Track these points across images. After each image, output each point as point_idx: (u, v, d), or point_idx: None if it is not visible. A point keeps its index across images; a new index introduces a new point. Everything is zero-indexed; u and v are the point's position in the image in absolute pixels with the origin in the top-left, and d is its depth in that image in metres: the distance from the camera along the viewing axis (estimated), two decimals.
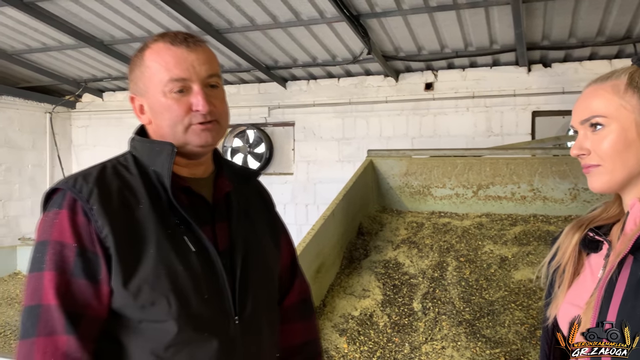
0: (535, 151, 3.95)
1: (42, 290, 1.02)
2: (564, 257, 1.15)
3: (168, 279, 1.06)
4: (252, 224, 1.28)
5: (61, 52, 5.56)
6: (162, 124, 1.15)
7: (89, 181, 1.09)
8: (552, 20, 4.35)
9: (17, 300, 4.91)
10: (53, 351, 1.00)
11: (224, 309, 1.13)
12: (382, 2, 4.18)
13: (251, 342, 1.17)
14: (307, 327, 1.46)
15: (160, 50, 1.15)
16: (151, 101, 1.16)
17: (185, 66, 1.13)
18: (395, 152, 4.10)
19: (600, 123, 1.05)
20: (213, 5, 4.36)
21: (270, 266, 1.31)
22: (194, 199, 1.17)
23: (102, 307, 1.05)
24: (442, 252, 3.32)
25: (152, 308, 1.05)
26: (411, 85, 5.69)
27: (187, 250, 1.10)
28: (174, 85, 1.12)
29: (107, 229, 1.04)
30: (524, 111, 5.34)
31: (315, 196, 6.15)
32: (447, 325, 2.72)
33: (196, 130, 1.14)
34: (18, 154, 6.59)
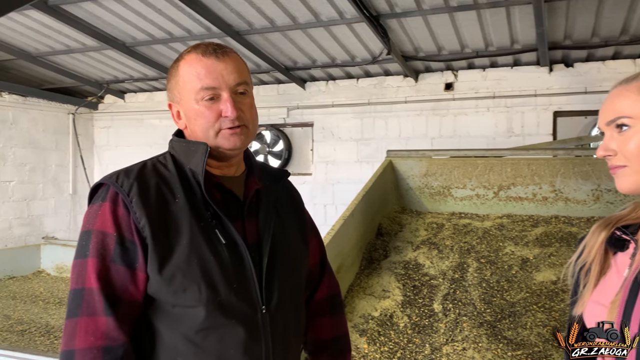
0: (557, 152, 3.91)
1: (85, 275, 1.12)
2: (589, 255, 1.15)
3: (199, 267, 1.14)
4: (281, 220, 1.34)
5: (84, 54, 5.65)
6: (195, 128, 1.24)
7: (130, 177, 1.18)
8: (575, 20, 4.29)
9: (41, 298, 5.01)
10: (94, 330, 1.09)
11: (251, 298, 1.19)
12: (402, 3, 4.17)
13: (277, 332, 1.23)
14: (336, 322, 1.51)
15: (192, 61, 1.23)
16: (185, 108, 1.25)
17: (215, 75, 1.21)
18: (415, 152, 4.09)
19: (625, 124, 1.05)
20: (234, 7, 4.40)
21: (297, 260, 1.35)
22: (226, 195, 1.26)
23: (138, 292, 1.14)
24: (462, 253, 3.30)
25: (184, 294, 1.13)
26: (431, 85, 5.67)
27: (217, 242, 1.17)
28: (205, 94, 1.21)
29: (145, 220, 1.13)
30: (545, 111, 5.28)
31: (334, 196, 6.16)
32: (468, 327, 2.70)
33: (225, 134, 1.22)
34: (42, 155, 6.72)
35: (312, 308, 1.47)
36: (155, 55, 5.60)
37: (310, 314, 1.46)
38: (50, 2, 4.39)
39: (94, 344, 1.09)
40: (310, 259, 1.45)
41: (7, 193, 6.31)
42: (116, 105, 7.22)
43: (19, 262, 5.94)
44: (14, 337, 3.86)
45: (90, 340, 1.09)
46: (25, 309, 4.63)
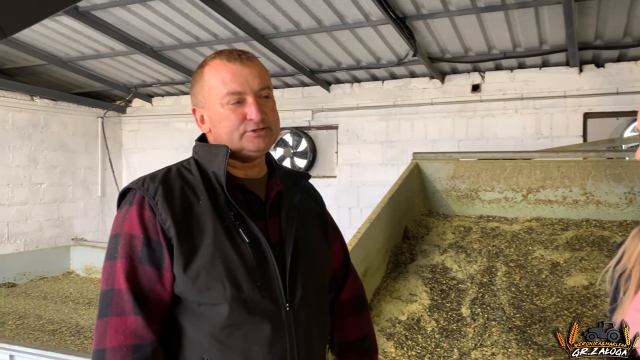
0: (588, 154, 3.83)
1: (114, 276, 1.16)
2: (629, 261, 1.12)
3: (223, 266, 1.17)
4: (303, 220, 1.36)
5: (113, 58, 5.76)
6: (220, 131, 1.28)
7: (156, 181, 1.23)
8: (606, 19, 4.21)
9: (71, 299, 5.10)
10: (123, 329, 1.13)
11: (275, 296, 1.22)
12: (428, 4, 4.14)
13: (301, 329, 1.25)
14: (362, 323, 1.52)
15: (217, 66, 1.27)
16: (210, 112, 1.29)
17: (240, 80, 1.25)
18: (442, 154, 4.05)
19: None
20: (259, 11, 4.42)
21: (319, 259, 1.38)
22: (248, 196, 1.29)
23: (165, 291, 1.18)
24: (490, 257, 3.25)
25: (209, 292, 1.16)
26: (457, 87, 5.61)
27: (241, 241, 1.21)
28: (230, 98, 1.25)
29: (170, 221, 1.17)
30: (575, 113, 5.18)
31: (359, 199, 6.14)
32: (497, 332, 2.66)
33: (250, 137, 1.26)
34: (72, 157, 6.86)
35: (337, 309, 1.49)
36: (182, 59, 5.66)
37: (335, 316, 1.48)
38: (81, 8, 4.48)
39: (124, 342, 1.12)
40: (333, 260, 1.48)
41: (39, 195, 6.45)
42: (144, 109, 7.32)
43: (49, 263, 6.07)
44: (45, 337, 3.94)
45: (120, 339, 1.12)
46: (55, 309, 4.72)
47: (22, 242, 6.25)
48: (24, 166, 6.27)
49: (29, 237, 6.34)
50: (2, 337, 3.82)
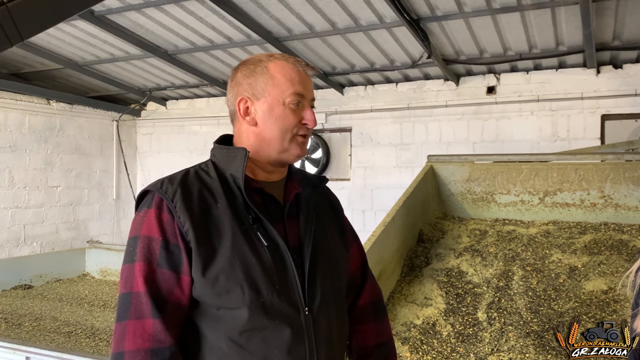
0: (606, 156, 3.77)
1: (133, 279, 1.16)
2: None
3: (242, 269, 1.16)
4: (321, 224, 1.36)
5: (128, 62, 5.80)
6: (273, 127, 1.27)
7: (174, 183, 1.22)
8: (625, 20, 4.15)
9: (87, 301, 5.13)
10: (142, 332, 1.13)
11: (294, 299, 1.21)
12: (443, 5, 4.12)
13: (321, 333, 1.24)
14: (381, 328, 1.51)
15: (285, 65, 1.29)
16: (267, 106, 1.27)
17: (304, 85, 1.29)
18: (457, 157, 4.01)
19: None
20: (274, 14, 4.43)
21: (338, 263, 1.37)
22: (267, 199, 1.29)
23: (183, 295, 1.17)
24: (507, 261, 3.21)
25: (227, 296, 1.15)
26: (472, 89, 5.57)
27: (259, 245, 1.20)
28: (294, 98, 1.27)
29: (188, 224, 1.16)
30: (592, 115, 5.11)
31: (372, 202, 6.12)
32: (514, 337, 2.62)
33: (299, 141, 1.29)
34: (87, 160, 6.92)
35: (356, 314, 1.48)
36: (197, 62, 5.69)
37: (353, 321, 1.46)
38: (96, 13, 4.52)
39: (142, 346, 1.12)
40: (351, 265, 1.47)
41: (55, 198, 6.51)
42: (158, 112, 7.37)
43: (65, 265, 6.12)
44: (61, 339, 3.96)
45: (139, 342, 1.12)
46: (71, 311, 4.75)
47: (38, 244, 6.32)
48: (41, 169, 6.34)
49: (45, 240, 6.40)
50: (18, 338, 3.85)
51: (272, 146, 1.27)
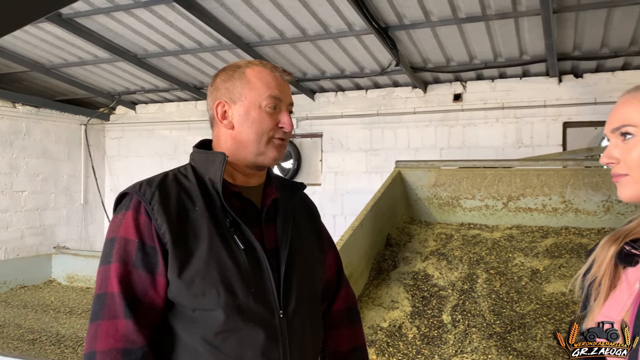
0: (567, 162, 3.90)
1: (108, 280, 1.17)
2: (599, 270, 1.14)
3: (218, 272, 1.18)
4: (298, 229, 1.38)
5: (96, 65, 5.74)
6: (249, 131, 1.30)
7: (152, 186, 1.24)
8: (584, 31, 4.30)
9: (52, 307, 5.04)
10: (114, 333, 1.14)
11: (269, 302, 1.23)
12: (410, 14, 4.20)
13: (295, 337, 1.26)
14: (354, 334, 1.54)
15: (261, 71, 1.32)
16: (243, 110, 1.30)
17: (281, 89, 1.32)
18: (424, 163, 4.09)
19: (629, 132, 1.05)
20: (244, 20, 4.45)
21: (313, 268, 1.40)
22: (245, 203, 1.31)
23: (158, 297, 1.19)
24: (471, 264, 3.29)
25: (203, 297, 1.17)
26: (440, 96, 5.68)
27: (236, 248, 1.22)
28: (271, 101, 1.29)
29: (165, 226, 1.18)
30: (554, 122, 5.28)
31: (343, 207, 6.17)
32: (478, 338, 2.69)
33: (276, 144, 1.31)
34: (54, 165, 6.79)
35: (330, 320, 1.50)
36: (166, 67, 5.66)
37: (328, 326, 1.48)
38: (64, 15, 4.47)
39: (114, 345, 1.13)
40: (327, 271, 1.49)
41: (20, 203, 6.37)
42: (127, 116, 7.29)
43: (30, 271, 5.98)
44: (24, 346, 3.88)
45: (111, 342, 1.13)
46: (36, 317, 4.66)
47: (2, 250, 6.17)
48: (5, 173, 6.20)
49: (10, 245, 6.25)
50: None
51: (249, 149, 1.30)
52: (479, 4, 3.96)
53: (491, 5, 3.98)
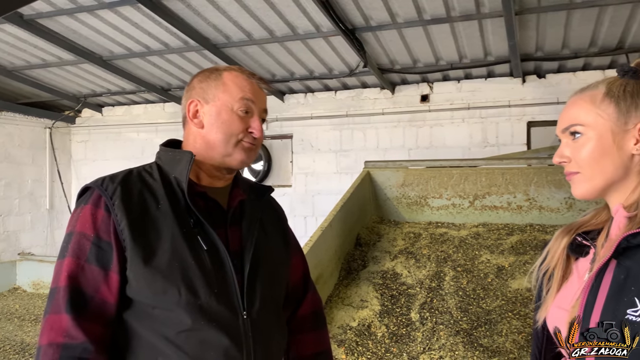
0: (531, 161, 3.99)
1: (60, 274, 1.16)
2: (552, 261, 1.18)
3: (180, 271, 1.17)
4: (264, 232, 1.38)
5: (61, 67, 5.62)
6: (217, 131, 1.29)
7: (115, 181, 1.23)
8: (545, 32, 4.41)
9: (17, 315, 4.91)
10: (57, 327, 1.13)
11: (232, 304, 1.22)
12: (376, 16, 4.24)
13: (258, 338, 1.25)
14: (319, 338, 1.54)
15: (238, 75, 1.33)
16: (215, 109, 1.30)
17: (255, 95, 1.33)
18: (392, 163, 4.13)
19: (578, 131, 1.09)
20: (211, 21, 4.42)
21: (279, 271, 1.40)
22: (210, 203, 1.30)
23: (110, 293, 1.17)
24: (439, 262, 3.34)
25: (164, 296, 1.16)
26: (407, 97, 5.75)
27: (199, 248, 1.21)
28: (243, 105, 1.30)
29: (125, 222, 1.17)
30: (519, 122, 5.39)
31: (314, 208, 6.18)
32: (445, 335, 2.73)
33: (244, 146, 1.30)
34: (18, 169, 6.63)
35: (295, 324, 1.50)
36: (133, 68, 5.59)
37: (293, 330, 1.48)
38: (25, 16, 4.37)
39: (55, 339, 1.12)
40: (293, 274, 1.49)
41: None
42: (94, 119, 7.16)
43: None
44: None
45: (52, 336, 1.12)
46: (0, 326, 4.54)
47: None
48: None
49: None
50: None
51: (216, 150, 1.29)
52: (443, 6, 4.02)
53: (455, 7, 4.04)
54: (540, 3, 3.92)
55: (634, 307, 0.97)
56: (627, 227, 1.03)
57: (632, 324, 0.96)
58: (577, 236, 1.17)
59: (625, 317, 0.96)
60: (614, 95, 1.07)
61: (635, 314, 0.96)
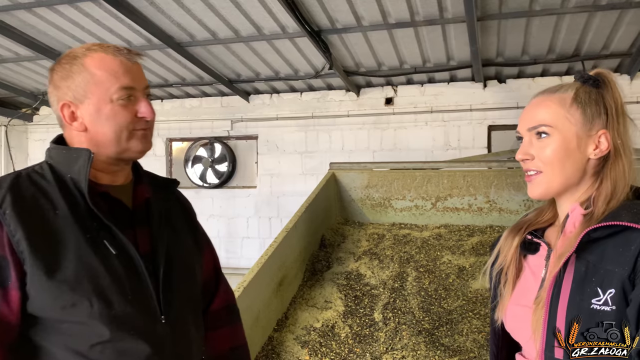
0: (491, 164, 4.08)
1: None
2: (506, 260, 1.22)
3: (89, 281, 1.08)
4: (174, 229, 1.31)
5: (18, 64, 5.45)
6: (105, 130, 1.17)
7: (2, 187, 1.10)
8: (506, 38, 4.52)
9: None
10: None
11: (149, 308, 1.16)
12: (342, 18, 4.27)
13: (179, 342, 1.20)
14: (234, 333, 1.49)
15: (104, 59, 1.18)
16: (92, 108, 1.17)
17: (131, 76, 1.18)
18: (357, 165, 4.16)
19: (545, 132, 1.12)
20: (175, 19, 4.36)
21: (193, 269, 1.34)
22: (113, 204, 1.20)
23: (11, 312, 1.06)
24: (402, 263, 3.38)
25: (73, 309, 1.07)
26: (372, 100, 5.80)
27: (107, 254, 1.12)
28: (122, 93, 1.17)
29: (20, 233, 1.05)
30: (480, 125, 5.51)
31: (279, 209, 6.17)
32: (407, 335, 2.76)
33: (139, 136, 1.20)
34: None
35: (209, 320, 1.43)
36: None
37: (207, 327, 1.41)
38: None
39: None
40: (204, 270, 1.43)
41: None
42: (52, 117, 6.96)
43: None
44: None
45: None
46: None
47: None
48: None
49: None
50: None
51: (110, 148, 1.18)
52: (407, 10, 4.08)
53: (419, 12, 4.11)
54: (501, 9, 4.02)
55: (597, 296, 1.01)
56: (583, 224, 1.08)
57: (597, 313, 1.00)
58: (528, 234, 1.21)
59: (591, 306, 1.00)
60: (581, 102, 1.12)
61: (599, 303, 1.00)
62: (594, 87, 1.12)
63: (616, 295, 0.99)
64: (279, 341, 2.76)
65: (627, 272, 0.99)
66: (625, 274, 0.99)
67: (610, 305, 0.99)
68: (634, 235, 1.00)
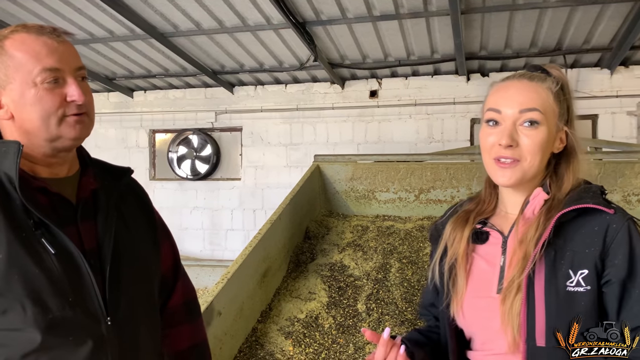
0: (474, 156, 4.12)
1: None
2: (457, 252, 1.19)
3: (21, 284, 1.00)
4: (124, 222, 1.22)
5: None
6: (31, 117, 1.07)
7: None
8: (489, 32, 4.56)
9: None
10: None
11: (92, 310, 1.07)
12: (327, 10, 4.26)
13: (127, 344, 1.13)
14: (195, 330, 1.42)
15: (26, 39, 1.08)
16: (16, 94, 1.07)
17: (57, 57, 1.08)
18: (341, 157, 4.18)
19: (537, 120, 1.10)
20: (158, 9, 4.32)
21: (146, 263, 1.26)
22: (53, 198, 1.11)
23: None
24: (385, 254, 3.40)
25: (4, 316, 0.99)
26: (356, 92, 5.81)
27: (45, 253, 1.03)
28: (47, 75, 1.06)
29: None
30: (463, 118, 5.55)
31: (263, 201, 6.17)
32: (390, 325, 2.79)
33: (70, 122, 1.09)
34: None
35: (167, 316, 1.36)
36: None
37: (165, 324, 1.33)
38: None
39: None
40: (162, 263, 1.35)
41: None
42: None
43: None
44: None
45: None
46: None
47: None
48: None
49: None
50: None
51: (39, 137, 1.08)
52: (392, 3, 4.09)
53: (404, 4, 4.12)
54: (485, 3, 4.04)
55: (569, 278, 1.03)
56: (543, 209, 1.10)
57: (573, 295, 1.02)
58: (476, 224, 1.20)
59: (566, 289, 1.02)
60: (559, 97, 1.13)
61: (572, 285, 1.02)
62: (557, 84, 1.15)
63: (590, 275, 1.02)
64: (262, 332, 2.77)
65: (598, 251, 1.02)
66: (597, 253, 1.02)
67: (584, 286, 1.02)
68: (597, 216, 1.03)
